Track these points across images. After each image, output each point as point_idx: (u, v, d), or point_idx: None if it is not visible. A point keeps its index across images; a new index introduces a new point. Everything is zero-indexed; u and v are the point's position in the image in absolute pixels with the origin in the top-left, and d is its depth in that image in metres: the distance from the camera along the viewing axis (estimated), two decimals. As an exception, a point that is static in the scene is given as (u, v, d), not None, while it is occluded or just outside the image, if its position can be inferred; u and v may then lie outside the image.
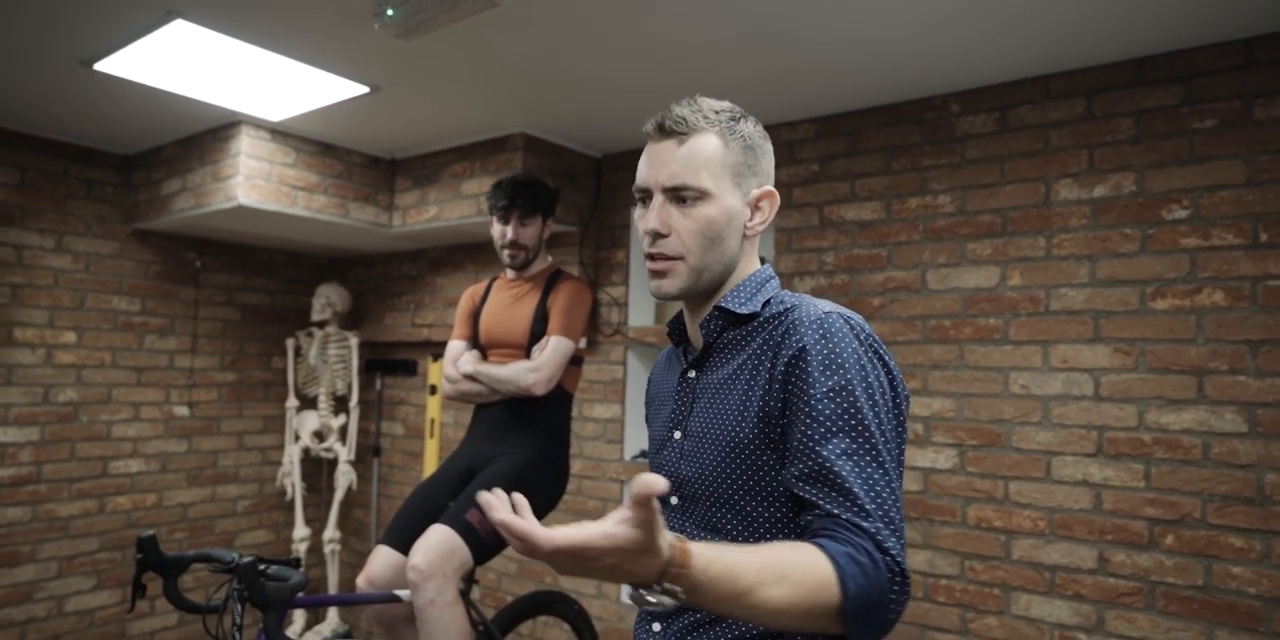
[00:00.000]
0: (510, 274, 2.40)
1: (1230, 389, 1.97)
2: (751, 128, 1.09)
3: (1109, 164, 2.16)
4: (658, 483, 0.72)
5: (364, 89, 2.49)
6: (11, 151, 3.04)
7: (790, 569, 0.81)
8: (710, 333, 1.10)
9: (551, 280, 2.33)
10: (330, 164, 3.10)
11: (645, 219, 1.06)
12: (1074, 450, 2.17)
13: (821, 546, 0.85)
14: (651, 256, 1.06)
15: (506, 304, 2.34)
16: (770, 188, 1.10)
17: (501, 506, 0.78)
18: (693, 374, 1.14)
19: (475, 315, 2.40)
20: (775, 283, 1.13)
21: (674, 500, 1.11)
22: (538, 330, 2.26)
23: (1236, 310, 1.97)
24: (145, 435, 3.43)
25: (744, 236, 1.09)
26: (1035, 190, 2.27)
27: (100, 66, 2.34)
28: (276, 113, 2.74)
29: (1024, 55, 2.16)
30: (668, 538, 0.77)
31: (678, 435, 1.12)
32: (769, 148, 1.12)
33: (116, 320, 3.34)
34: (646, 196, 1.08)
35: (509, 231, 2.27)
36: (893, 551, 0.87)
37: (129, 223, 3.35)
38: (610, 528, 0.75)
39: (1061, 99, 2.24)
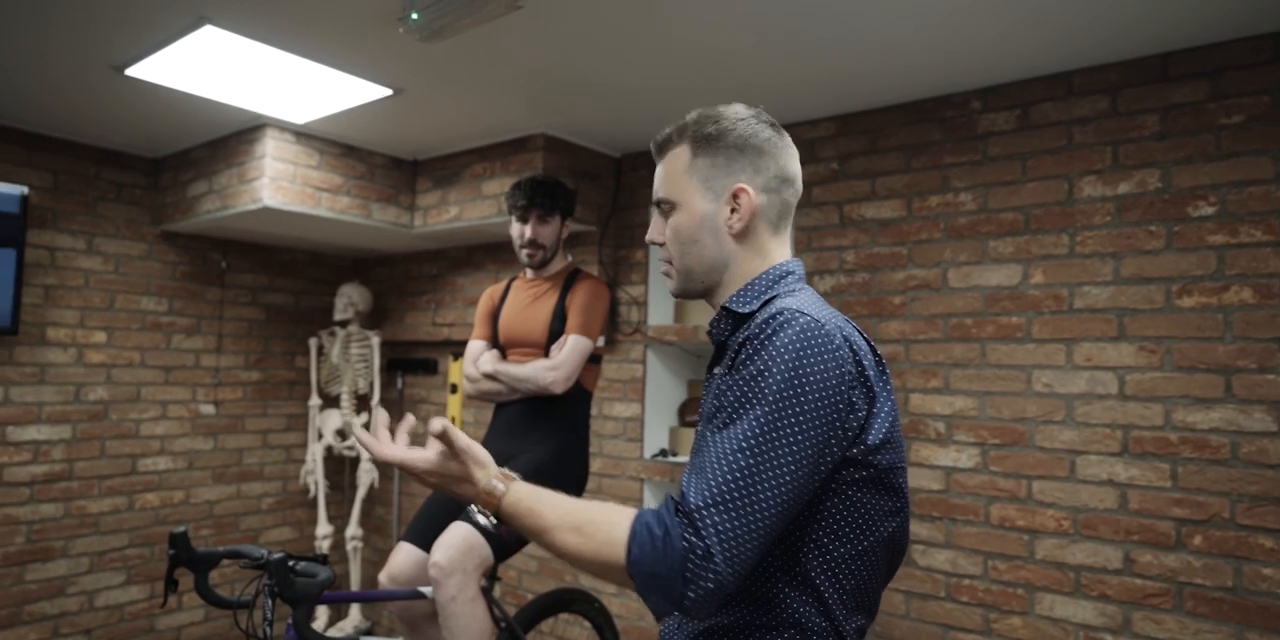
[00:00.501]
0: (529, 273, 2.41)
1: (1259, 387, 1.95)
2: (719, 127, 1.10)
3: (1133, 160, 2.15)
4: (436, 424, 1.00)
5: (387, 91, 2.52)
6: (45, 155, 3.10)
7: (588, 522, 0.95)
8: (720, 332, 1.13)
9: (570, 279, 2.35)
10: (353, 165, 3.13)
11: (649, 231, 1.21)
12: (1098, 449, 2.15)
13: (636, 513, 0.94)
14: (662, 261, 1.20)
15: (525, 303, 2.36)
16: (740, 184, 1.10)
17: (365, 434, 1.07)
18: (716, 371, 1.15)
19: (495, 315, 2.41)
20: (791, 279, 1.12)
21: None
22: (556, 329, 2.27)
23: (1266, 307, 1.95)
24: (173, 433, 3.49)
25: (730, 235, 1.11)
26: (1058, 187, 2.25)
27: (131, 72, 2.38)
28: (301, 115, 2.77)
29: (1046, 51, 2.14)
30: (490, 471, 1.04)
31: (700, 428, 1.14)
32: (760, 143, 1.11)
33: (145, 320, 3.40)
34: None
35: (527, 231, 2.29)
36: (704, 534, 0.88)
37: (157, 224, 3.41)
38: (430, 455, 1.04)
39: (1085, 95, 2.22)
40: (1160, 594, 2.03)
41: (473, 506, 1.00)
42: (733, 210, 1.10)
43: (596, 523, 0.94)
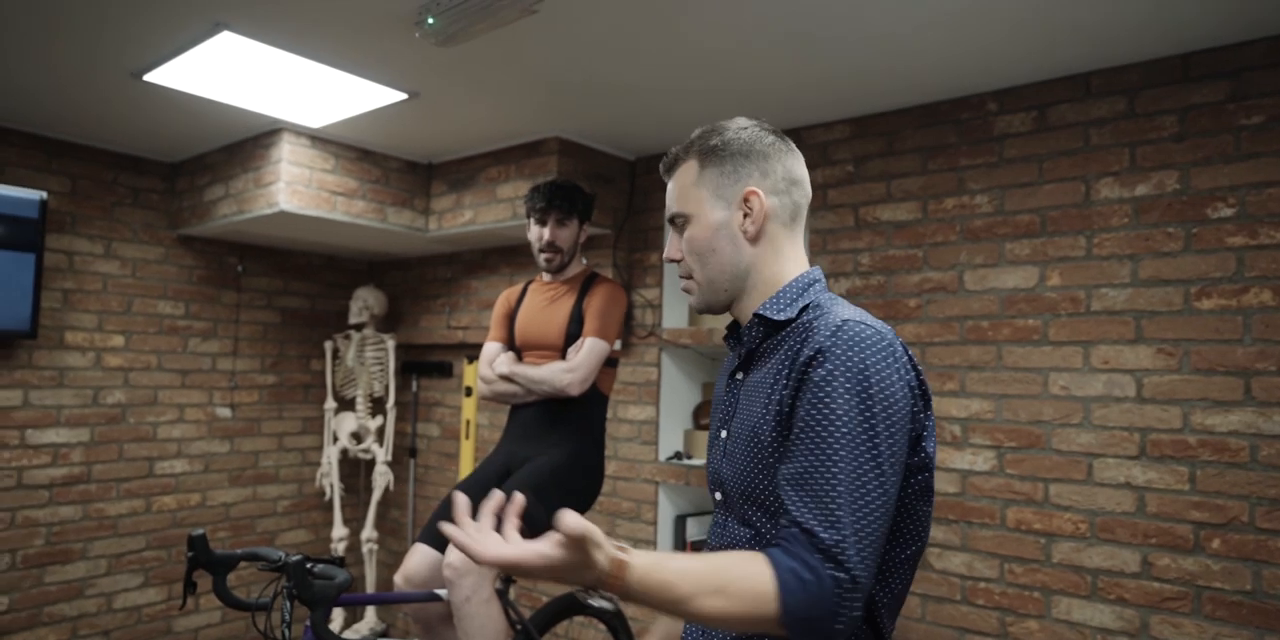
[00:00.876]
0: (546, 276, 2.42)
1: (1279, 390, 1.93)
2: (724, 138, 1.13)
3: (1151, 162, 2.13)
4: (570, 523, 0.84)
5: (402, 95, 2.53)
6: (63, 161, 3.14)
7: (730, 581, 0.88)
8: (752, 339, 1.13)
9: (587, 283, 2.35)
10: (368, 169, 3.15)
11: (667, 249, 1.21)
12: (1116, 452, 2.14)
13: (770, 558, 0.89)
14: (681, 277, 1.20)
15: (542, 306, 2.36)
16: (750, 187, 1.12)
17: (458, 530, 0.89)
18: (740, 376, 1.17)
19: (511, 317, 2.42)
20: (819, 287, 1.14)
21: (718, 496, 1.16)
22: (573, 332, 2.27)
23: (1285, 310, 1.93)
24: (189, 436, 3.51)
25: (746, 239, 1.12)
26: (1075, 189, 2.24)
27: (150, 78, 2.40)
28: (317, 120, 2.79)
29: (1063, 53, 2.13)
30: (607, 550, 0.87)
31: (724, 435, 1.16)
32: (764, 148, 1.13)
33: (162, 324, 3.43)
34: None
35: (546, 233, 2.30)
36: (849, 564, 0.88)
37: (174, 229, 3.44)
38: (545, 549, 0.86)
39: (1102, 97, 2.21)
40: (1178, 598, 2.02)
41: (595, 594, 0.92)
42: (745, 215, 1.12)
43: (736, 580, 0.88)
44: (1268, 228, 1.97)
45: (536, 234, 2.32)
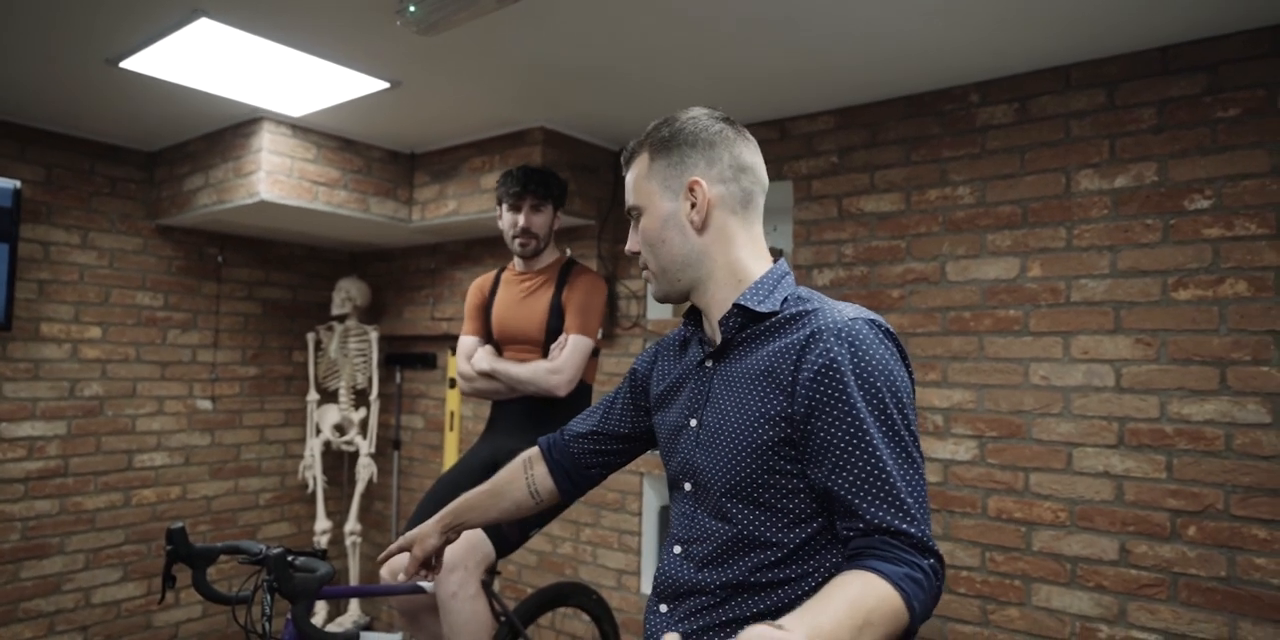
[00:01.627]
0: (519, 265, 2.37)
1: (1254, 380, 1.96)
2: (671, 129, 1.15)
3: (1130, 154, 2.15)
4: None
5: (384, 84, 2.51)
6: (38, 149, 3.08)
7: (870, 611, 0.86)
8: (730, 329, 1.12)
9: (564, 273, 2.31)
10: (350, 159, 3.12)
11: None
12: (1095, 441, 2.16)
13: (881, 573, 0.90)
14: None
15: (519, 298, 2.32)
16: (692, 176, 1.13)
17: None
18: (710, 364, 1.16)
19: (485, 308, 2.38)
20: (790, 279, 1.16)
21: (687, 486, 1.15)
22: (554, 326, 2.25)
23: (1260, 300, 1.96)
24: (169, 429, 3.48)
25: (694, 229, 1.13)
26: (1056, 181, 2.26)
27: (126, 65, 2.37)
28: (298, 108, 2.76)
29: (1044, 45, 2.15)
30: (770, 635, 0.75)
31: (694, 423, 1.15)
32: (710, 136, 1.14)
33: (140, 315, 3.39)
34: None
35: (520, 219, 2.26)
36: (934, 547, 0.96)
37: (152, 219, 3.39)
38: None
39: (1082, 89, 2.23)
40: (1155, 584, 2.05)
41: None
42: (692, 205, 1.13)
43: (874, 609, 0.87)
44: (1243, 219, 1.99)
45: (510, 221, 2.28)
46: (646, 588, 3.07)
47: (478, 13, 1.90)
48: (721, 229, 1.13)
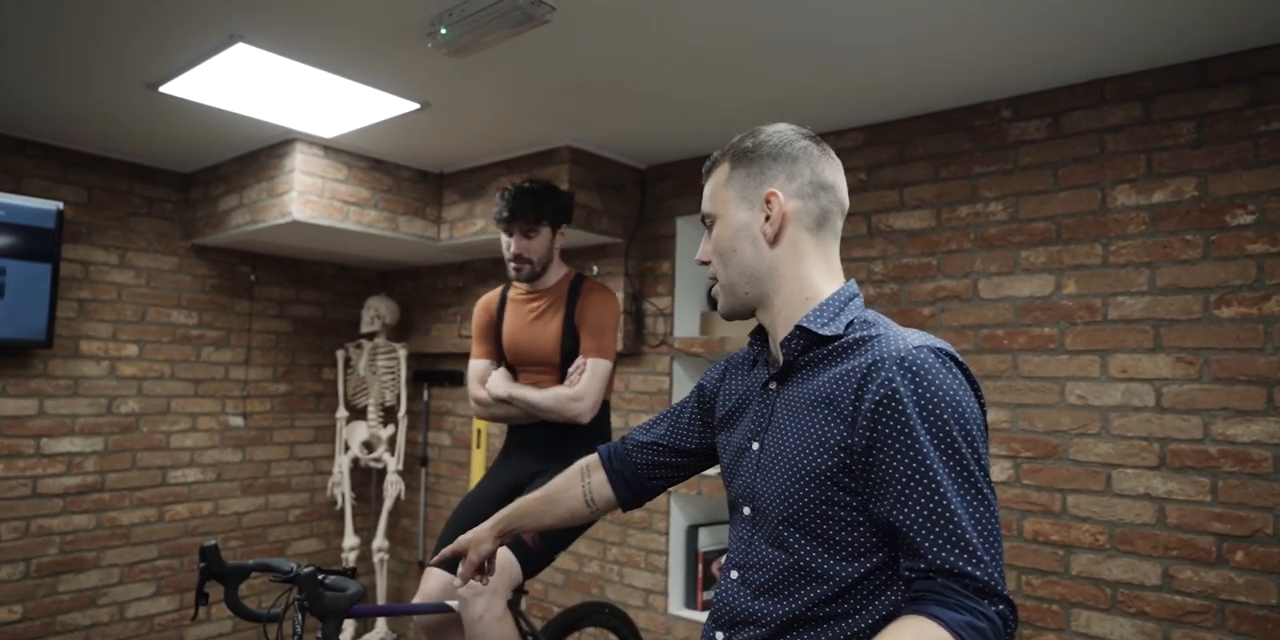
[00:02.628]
0: (525, 284, 2.29)
1: (1302, 400, 1.90)
2: (755, 141, 1.14)
3: (1168, 169, 2.11)
4: None
5: (414, 105, 2.54)
6: (80, 172, 3.16)
7: None
8: (791, 351, 1.10)
9: (574, 290, 2.24)
10: (380, 179, 3.16)
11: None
12: (1135, 463, 2.11)
13: (939, 619, 0.87)
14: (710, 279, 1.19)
15: (529, 318, 2.25)
16: (770, 188, 1.11)
17: None
18: (774, 386, 1.14)
19: (494, 329, 2.31)
20: (859, 301, 1.13)
21: (746, 511, 1.12)
22: (569, 347, 2.19)
23: (1307, 318, 1.91)
24: (202, 445, 3.52)
25: (766, 241, 1.11)
26: (1091, 196, 2.22)
27: (165, 89, 2.42)
28: (329, 130, 2.81)
29: (1077, 59, 2.12)
30: None
31: (755, 446, 1.12)
32: (794, 151, 1.13)
33: (175, 333, 3.44)
34: None
35: (512, 244, 2.18)
36: (1004, 592, 0.90)
37: (187, 238, 3.46)
38: None
39: (1117, 103, 2.19)
40: (1201, 611, 1.98)
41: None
42: (766, 217, 1.11)
43: None
44: (1288, 235, 1.94)
45: (505, 243, 2.20)
46: (674, 608, 3.03)
47: (507, 35, 1.92)
48: (794, 244, 1.11)
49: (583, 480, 1.41)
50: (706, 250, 1.18)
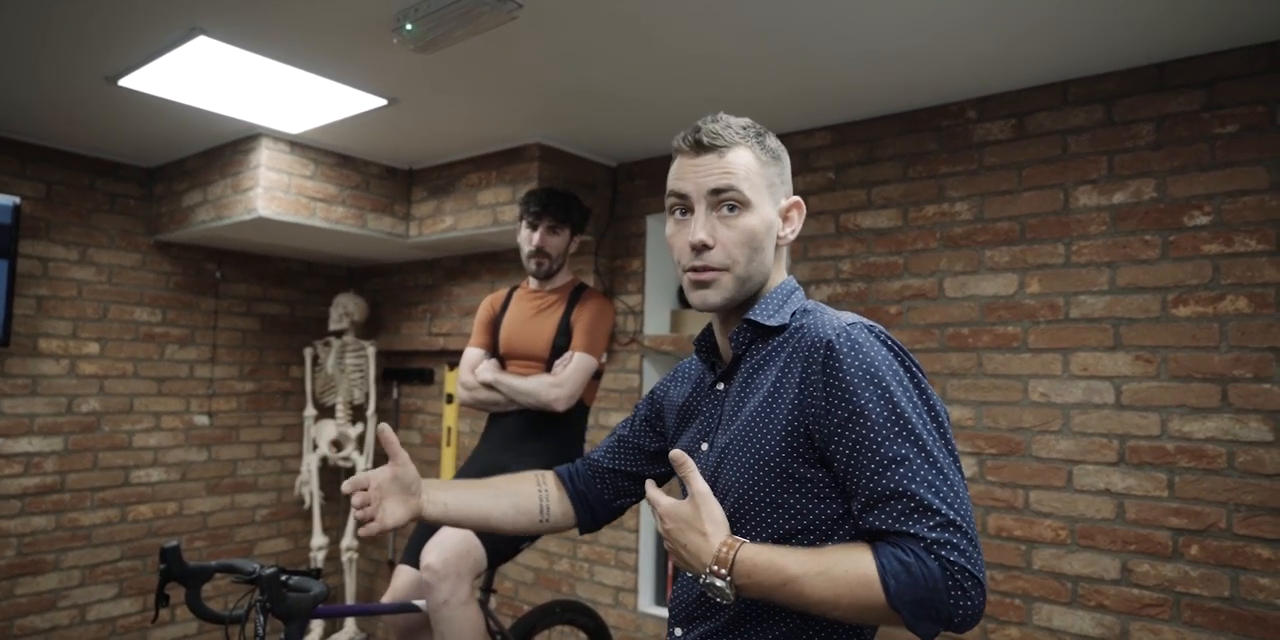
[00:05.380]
0: (532, 284, 2.41)
1: (1255, 397, 1.94)
2: (773, 142, 1.13)
3: (1129, 170, 2.15)
4: (675, 454, 1.03)
5: (382, 101, 2.52)
6: (38, 166, 3.09)
7: (832, 564, 0.90)
8: (739, 345, 1.10)
9: (575, 295, 2.35)
10: (348, 175, 3.12)
11: (691, 231, 1.05)
12: (1095, 459, 2.14)
13: (874, 547, 0.91)
14: (696, 268, 1.06)
15: (528, 315, 2.35)
16: (798, 198, 1.14)
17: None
18: (721, 387, 1.14)
19: (494, 324, 2.40)
20: (801, 293, 1.14)
21: None
22: (560, 344, 2.26)
23: (1261, 317, 1.95)
24: (166, 444, 3.46)
25: (775, 248, 1.12)
26: (1054, 197, 2.26)
27: (125, 82, 2.37)
28: (295, 125, 2.77)
29: (1041, 61, 2.15)
30: (725, 529, 0.98)
31: (704, 447, 1.12)
32: (788, 159, 1.16)
33: (138, 331, 3.38)
34: (684, 207, 1.08)
35: (536, 238, 2.30)
36: (952, 556, 0.87)
37: (151, 235, 3.40)
38: (676, 501, 1.04)
39: (1080, 105, 2.23)
40: (1157, 604, 2.03)
41: (706, 572, 0.95)
42: (786, 222, 1.12)
43: (841, 563, 0.90)
44: (1243, 236, 1.98)
45: (526, 237, 2.33)
46: (644, 605, 3.04)
47: (474, 31, 1.91)
48: (783, 252, 1.15)
49: (539, 487, 1.32)
50: (709, 230, 1.05)
